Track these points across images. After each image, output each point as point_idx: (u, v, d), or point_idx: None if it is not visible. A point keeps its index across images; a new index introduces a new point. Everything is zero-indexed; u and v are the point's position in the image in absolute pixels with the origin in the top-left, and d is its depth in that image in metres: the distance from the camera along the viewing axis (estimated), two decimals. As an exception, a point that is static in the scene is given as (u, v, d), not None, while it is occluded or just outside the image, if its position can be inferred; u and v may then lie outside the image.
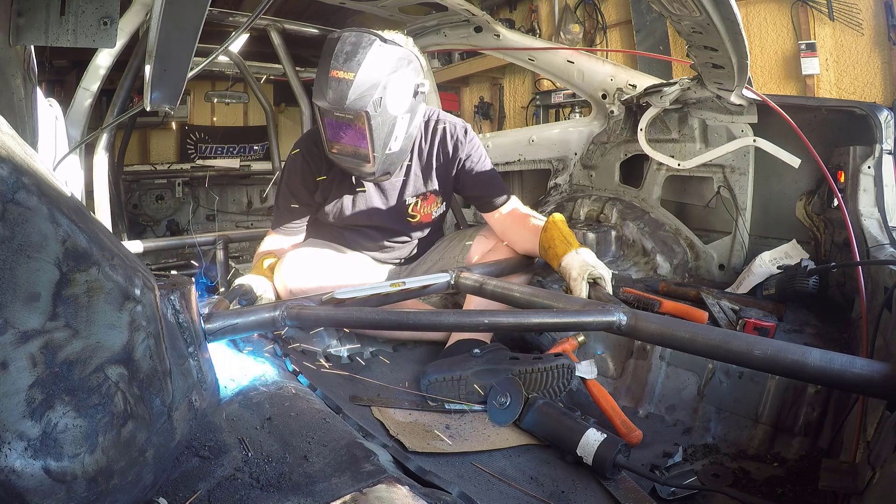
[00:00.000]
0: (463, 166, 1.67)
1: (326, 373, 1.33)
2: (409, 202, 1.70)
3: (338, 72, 1.39)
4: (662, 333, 1.00)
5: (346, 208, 1.68)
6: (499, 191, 1.67)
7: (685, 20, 1.43)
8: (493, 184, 1.68)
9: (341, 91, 1.39)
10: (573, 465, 1.10)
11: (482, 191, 1.68)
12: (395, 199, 1.69)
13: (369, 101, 1.40)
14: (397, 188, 1.69)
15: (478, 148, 1.69)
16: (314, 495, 0.74)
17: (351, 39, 1.41)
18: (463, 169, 1.68)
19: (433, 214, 1.76)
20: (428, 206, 1.73)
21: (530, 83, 5.24)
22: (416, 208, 1.72)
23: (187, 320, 0.90)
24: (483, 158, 1.69)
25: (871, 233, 1.60)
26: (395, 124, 1.48)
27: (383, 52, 1.42)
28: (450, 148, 1.66)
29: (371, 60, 1.39)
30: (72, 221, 0.64)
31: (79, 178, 2.10)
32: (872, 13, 3.23)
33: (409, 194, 1.69)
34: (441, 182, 1.70)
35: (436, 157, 1.68)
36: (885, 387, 0.78)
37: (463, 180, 1.70)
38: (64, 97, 2.90)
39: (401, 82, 1.45)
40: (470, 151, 1.67)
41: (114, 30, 1.04)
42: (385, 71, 1.42)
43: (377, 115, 1.43)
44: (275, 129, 3.69)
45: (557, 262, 1.39)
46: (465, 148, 1.66)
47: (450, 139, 1.66)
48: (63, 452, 0.59)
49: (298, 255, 1.58)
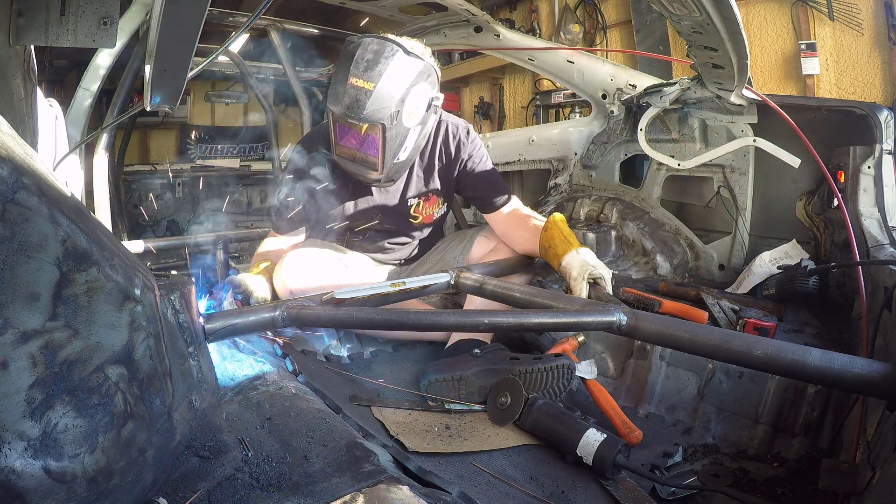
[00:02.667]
0: (465, 167, 1.67)
1: (326, 373, 1.33)
2: (412, 203, 1.70)
3: (357, 80, 1.37)
4: (662, 333, 1.00)
5: (347, 209, 1.68)
6: (500, 191, 1.67)
7: (685, 20, 1.43)
8: (494, 184, 1.68)
9: (359, 100, 1.37)
10: (573, 465, 1.10)
11: (483, 191, 1.68)
12: (397, 200, 1.69)
13: (386, 114, 1.39)
14: (399, 189, 1.69)
15: (479, 148, 1.69)
16: (314, 495, 0.75)
17: (373, 47, 1.39)
18: (465, 170, 1.68)
19: (435, 215, 1.75)
20: (430, 207, 1.73)
21: (530, 83, 5.24)
22: (419, 209, 1.72)
23: (187, 320, 0.90)
24: (485, 159, 1.70)
25: (871, 233, 1.60)
26: (407, 136, 1.48)
27: (405, 65, 1.40)
28: (452, 148, 1.66)
29: (392, 73, 1.38)
30: (72, 221, 0.64)
31: (79, 178, 2.10)
32: (872, 13, 3.22)
33: (411, 195, 1.69)
34: (443, 182, 1.70)
35: (438, 157, 1.67)
36: (885, 387, 0.78)
37: (464, 181, 1.70)
38: (64, 97, 2.90)
39: (418, 96, 1.44)
40: (472, 152, 1.67)
41: (114, 30, 1.04)
42: (405, 85, 1.40)
43: (392, 127, 1.42)
44: (275, 129, 3.68)
45: (557, 262, 1.39)
46: (468, 148, 1.66)
47: (452, 140, 1.66)
48: (63, 452, 0.59)
49: (298, 255, 1.58)
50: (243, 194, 4.92)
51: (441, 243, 1.86)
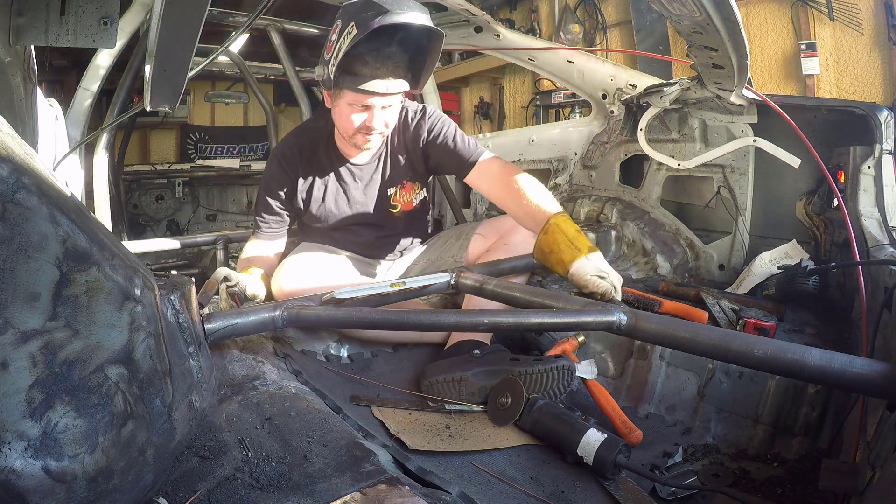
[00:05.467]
0: (427, 143, 1.67)
1: (326, 373, 1.33)
2: (390, 193, 1.73)
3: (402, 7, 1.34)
4: (662, 333, 1.00)
5: (329, 208, 1.71)
6: (465, 154, 1.61)
7: (685, 20, 1.42)
8: (458, 150, 1.63)
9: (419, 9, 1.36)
10: (573, 465, 1.10)
11: (450, 162, 1.65)
12: (375, 192, 1.72)
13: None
14: (377, 182, 1.71)
15: (438, 121, 1.67)
16: (314, 495, 0.74)
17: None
18: (428, 146, 1.67)
19: (413, 201, 1.77)
20: (407, 194, 1.75)
21: (530, 83, 5.25)
22: (396, 198, 1.74)
23: (187, 320, 0.90)
24: (445, 130, 1.66)
25: (871, 233, 1.60)
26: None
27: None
28: (412, 130, 1.68)
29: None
30: (72, 221, 0.64)
31: (79, 178, 2.11)
32: (872, 13, 3.23)
33: (386, 185, 1.72)
34: (413, 166, 1.72)
35: (402, 143, 1.69)
36: (885, 387, 0.78)
37: (432, 158, 1.69)
38: (64, 97, 2.90)
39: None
40: (431, 127, 1.66)
41: (114, 30, 1.04)
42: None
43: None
44: (275, 129, 3.68)
45: (564, 269, 1.31)
46: (426, 125, 1.66)
47: (411, 122, 1.67)
48: (63, 452, 0.59)
49: (296, 259, 1.61)
50: (243, 194, 4.93)
51: (437, 240, 1.86)
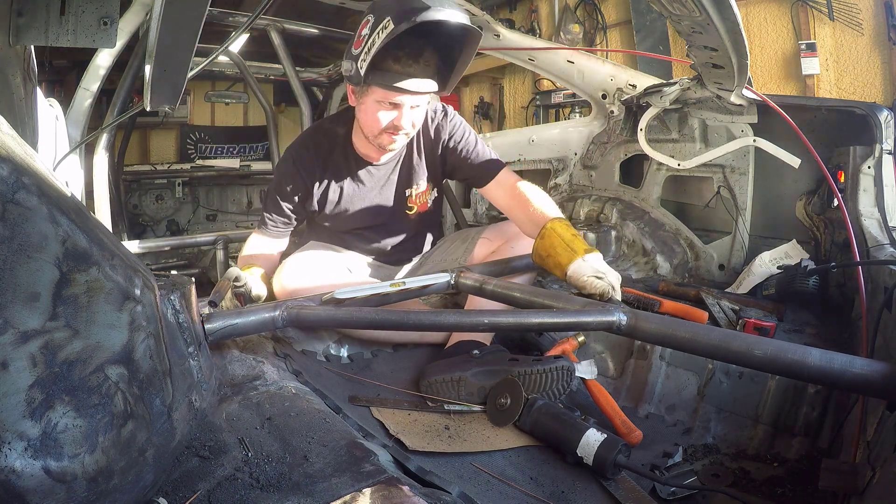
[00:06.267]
0: (447, 147, 1.66)
1: (326, 373, 1.33)
2: (407, 194, 1.71)
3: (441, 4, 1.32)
4: (662, 333, 1.00)
5: (344, 209, 1.68)
6: (488, 167, 1.63)
7: (685, 20, 1.42)
8: (479, 161, 1.65)
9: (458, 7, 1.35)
10: (573, 466, 1.10)
11: (471, 171, 1.66)
12: (391, 193, 1.70)
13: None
14: (393, 182, 1.69)
15: (459, 126, 1.67)
16: (314, 495, 0.74)
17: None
18: (448, 151, 1.67)
19: (428, 202, 1.76)
20: (423, 196, 1.74)
21: (530, 83, 5.24)
22: (413, 199, 1.73)
23: (187, 320, 0.90)
24: (467, 136, 1.66)
25: (871, 233, 1.60)
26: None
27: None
28: (432, 132, 1.66)
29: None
30: (72, 221, 0.64)
31: (79, 178, 2.11)
32: (872, 13, 3.23)
33: (403, 186, 1.70)
34: (429, 168, 1.71)
35: (423, 143, 1.68)
36: (885, 387, 0.78)
37: (450, 163, 1.69)
38: (64, 97, 2.90)
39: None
40: (452, 131, 1.66)
41: (114, 30, 1.04)
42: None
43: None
44: (275, 129, 3.68)
45: (561, 271, 1.32)
46: (447, 129, 1.65)
47: (431, 123, 1.66)
48: (63, 452, 0.59)
49: (299, 258, 1.59)
50: (243, 194, 4.92)
51: (442, 243, 1.85)
